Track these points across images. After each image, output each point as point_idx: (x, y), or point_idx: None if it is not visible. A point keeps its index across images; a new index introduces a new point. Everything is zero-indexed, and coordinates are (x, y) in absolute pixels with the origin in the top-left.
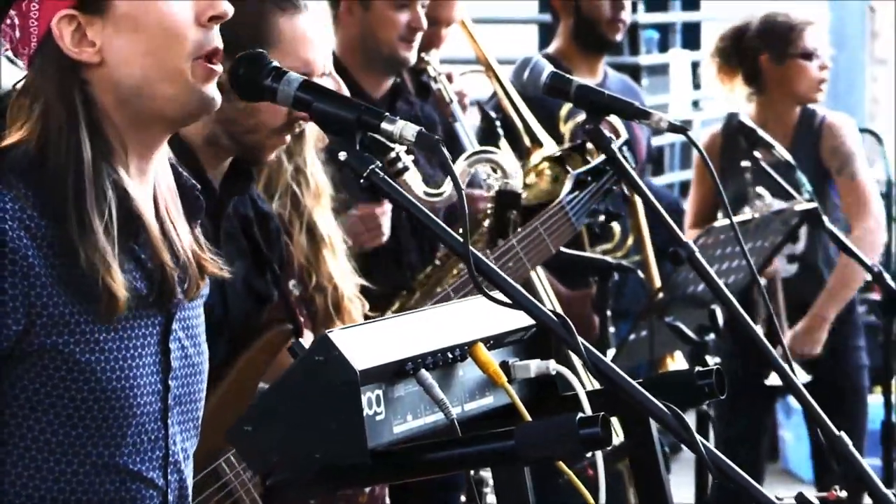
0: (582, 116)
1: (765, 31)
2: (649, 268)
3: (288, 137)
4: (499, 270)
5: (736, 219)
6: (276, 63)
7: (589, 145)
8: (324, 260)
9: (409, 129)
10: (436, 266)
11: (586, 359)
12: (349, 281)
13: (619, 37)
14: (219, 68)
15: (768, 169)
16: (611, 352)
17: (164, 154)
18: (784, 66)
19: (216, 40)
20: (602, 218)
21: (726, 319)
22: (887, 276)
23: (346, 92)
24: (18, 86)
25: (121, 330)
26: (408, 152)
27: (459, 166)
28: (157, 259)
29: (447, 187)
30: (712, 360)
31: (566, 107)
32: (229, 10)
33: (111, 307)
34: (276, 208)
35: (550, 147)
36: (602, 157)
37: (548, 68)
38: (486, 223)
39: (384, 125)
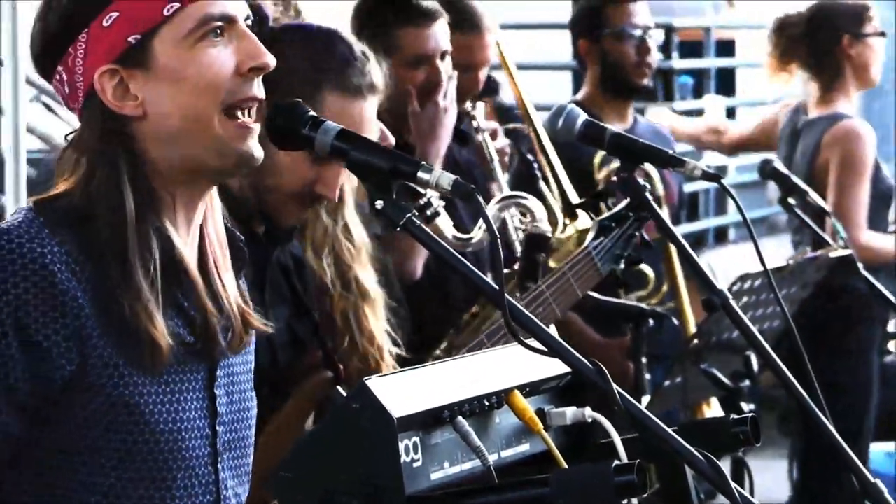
0: (614, 164)
1: (842, 12)
2: (684, 314)
3: (309, 210)
4: (534, 318)
5: (771, 266)
6: (312, 113)
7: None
8: (365, 316)
9: (446, 178)
10: (483, 304)
11: (621, 405)
12: (386, 342)
13: (646, 81)
14: (254, 126)
15: (802, 215)
16: (646, 398)
17: (214, 206)
18: (863, 44)
19: (255, 90)
20: (623, 264)
21: (761, 366)
22: None
23: (391, 140)
24: (69, 137)
25: (165, 374)
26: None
27: (490, 211)
28: (200, 307)
29: (477, 232)
30: (747, 407)
31: (600, 153)
32: (271, 61)
33: (155, 357)
34: (320, 269)
35: (584, 220)
36: (625, 202)
37: (582, 116)
38: (516, 266)
39: (420, 174)
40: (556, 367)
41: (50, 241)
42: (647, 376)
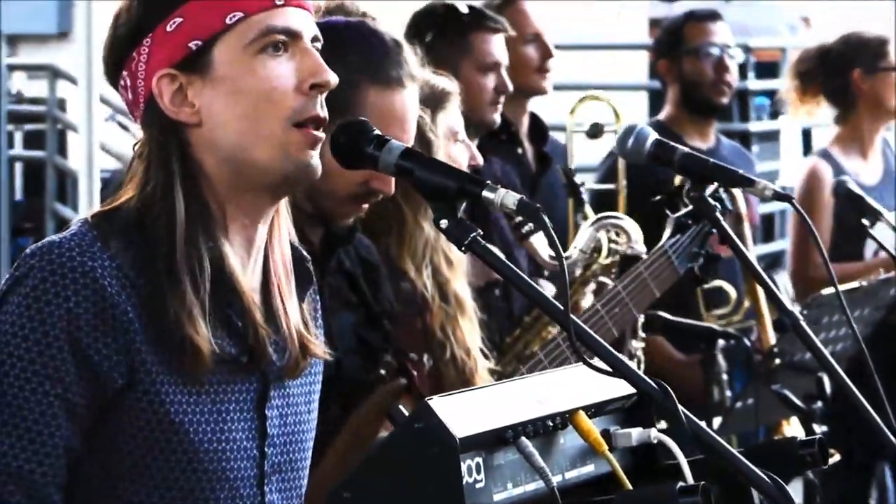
0: None
1: (855, 46)
2: (765, 333)
3: (365, 206)
4: (600, 339)
5: (843, 287)
6: (377, 131)
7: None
8: (461, 329)
9: (511, 198)
10: (524, 328)
11: (687, 427)
12: (479, 354)
13: (724, 100)
14: (321, 135)
15: (874, 236)
16: (717, 419)
17: (280, 227)
18: (876, 78)
19: (318, 108)
20: (702, 261)
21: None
22: None
23: (479, 159)
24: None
25: (213, 393)
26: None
27: (586, 232)
28: (250, 322)
29: (572, 252)
30: (819, 429)
31: (679, 179)
32: (333, 79)
33: (196, 363)
34: (420, 280)
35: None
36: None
37: (652, 136)
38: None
39: (485, 193)
40: (622, 388)
41: (101, 254)
42: (728, 393)
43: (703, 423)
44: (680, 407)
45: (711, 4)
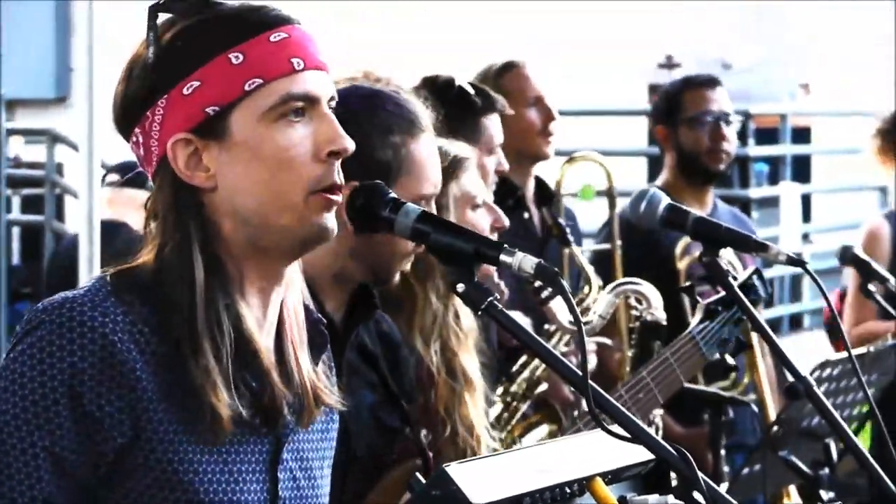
0: (696, 252)
1: None
2: (765, 404)
3: (413, 256)
4: (616, 403)
5: (853, 352)
6: (393, 194)
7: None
8: (465, 403)
9: (528, 262)
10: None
11: (706, 494)
12: (484, 433)
13: (721, 167)
14: (338, 198)
15: (883, 303)
16: (723, 486)
17: (294, 287)
18: None
19: (335, 176)
20: (732, 348)
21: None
22: None
23: (505, 221)
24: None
25: (225, 453)
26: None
27: (606, 298)
28: (267, 384)
29: (592, 317)
30: (826, 495)
31: (682, 242)
32: (350, 146)
33: (216, 427)
34: (427, 355)
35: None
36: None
37: (665, 200)
38: (631, 353)
39: (503, 257)
40: (639, 454)
41: (114, 308)
42: (726, 468)
43: (722, 491)
44: (700, 474)
45: (711, 72)
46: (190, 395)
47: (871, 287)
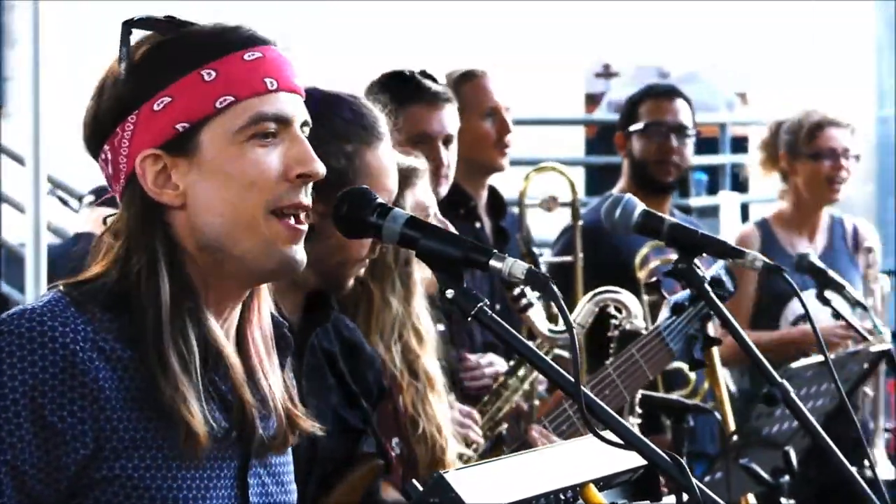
0: (653, 264)
1: (785, 128)
2: (724, 412)
3: (367, 262)
4: (610, 410)
5: (812, 360)
6: (380, 200)
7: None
8: (430, 403)
9: (518, 267)
10: (492, 394)
11: (700, 500)
12: (450, 430)
13: (669, 178)
14: (303, 227)
15: (840, 311)
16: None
17: (260, 305)
18: (797, 164)
19: (301, 196)
20: (701, 344)
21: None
22: None
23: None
24: (109, 221)
25: (195, 466)
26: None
27: (584, 306)
28: (238, 396)
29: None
30: (787, 503)
31: (642, 252)
32: (321, 170)
33: (192, 445)
34: (389, 357)
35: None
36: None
37: (639, 206)
38: (609, 361)
39: (493, 262)
40: (628, 461)
41: (75, 319)
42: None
43: (716, 496)
44: (694, 480)
45: (649, 81)
46: (162, 408)
47: (827, 295)
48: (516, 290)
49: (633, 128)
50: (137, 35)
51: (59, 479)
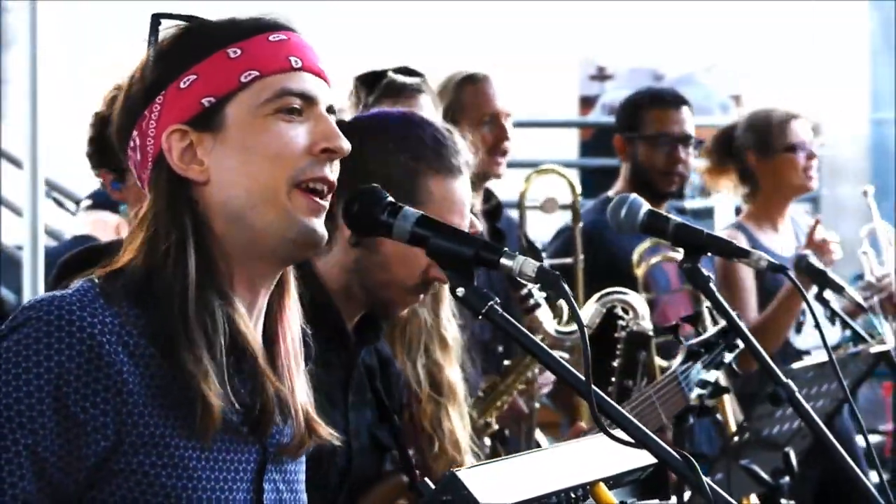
0: (654, 259)
1: (749, 128)
2: (724, 412)
3: (421, 297)
4: (620, 408)
5: (812, 361)
6: (391, 198)
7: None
8: (448, 418)
9: (529, 265)
10: (496, 381)
11: (711, 499)
12: (468, 444)
13: (672, 188)
14: (324, 203)
15: (840, 312)
16: (686, 494)
17: (291, 304)
18: (770, 160)
19: (326, 170)
20: (710, 391)
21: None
22: None
23: (479, 227)
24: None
25: (213, 460)
26: (540, 289)
27: (591, 306)
28: (259, 388)
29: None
30: None
31: (638, 250)
32: (346, 146)
33: (206, 420)
34: (412, 368)
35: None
36: (716, 329)
37: (644, 206)
38: (616, 363)
39: (503, 261)
40: (638, 459)
41: (103, 310)
42: None
43: (726, 495)
44: (705, 478)
45: (643, 83)
46: (180, 396)
47: (826, 295)
48: (524, 291)
49: (638, 133)
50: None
51: (78, 468)
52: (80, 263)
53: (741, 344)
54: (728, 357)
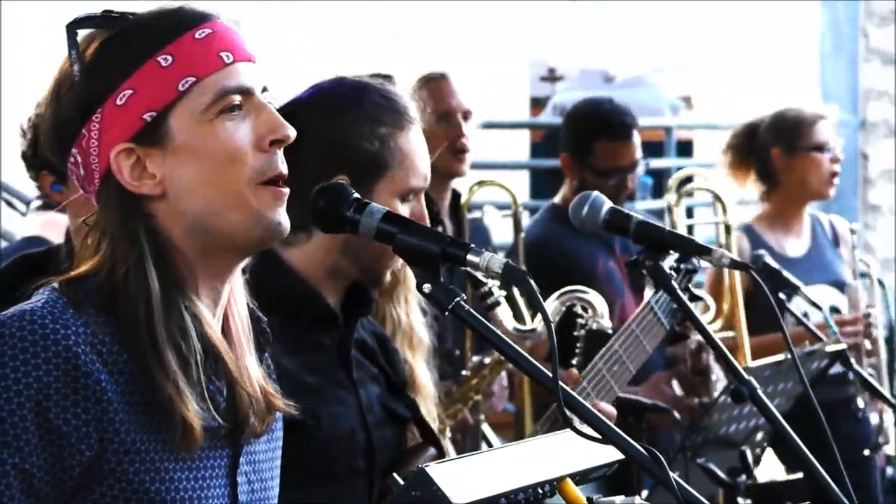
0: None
1: (776, 125)
2: (741, 337)
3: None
4: (588, 405)
5: (769, 360)
6: (357, 195)
7: None
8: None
9: (496, 262)
10: (452, 388)
11: (678, 494)
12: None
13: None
14: (285, 190)
15: (795, 312)
16: (644, 492)
17: (237, 289)
18: (796, 158)
19: (279, 165)
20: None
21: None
22: None
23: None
24: (90, 221)
25: (189, 461)
26: (500, 287)
27: (551, 304)
28: (232, 389)
29: (538, 324)
30: (744, 503)
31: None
32: (291, 133)
33: (188, 439)
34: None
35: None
36: (675, 256)
37: (607, 204)
38: (576, 361)
39: (470, 257)
40: (605, 455)
41: (74, 320)
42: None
43: (694, 492)
44: (672, 475)
45: (595, 89)
46: (157, 406)
47: (782, 295)
48: (483, 289)
49: (587, 163)
50: (82, 33)
51: (64, 479)
52: (18, 277)
53: (702, 265)
54: (693, 280)
